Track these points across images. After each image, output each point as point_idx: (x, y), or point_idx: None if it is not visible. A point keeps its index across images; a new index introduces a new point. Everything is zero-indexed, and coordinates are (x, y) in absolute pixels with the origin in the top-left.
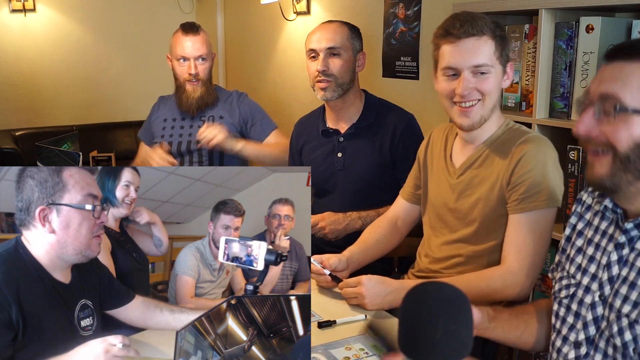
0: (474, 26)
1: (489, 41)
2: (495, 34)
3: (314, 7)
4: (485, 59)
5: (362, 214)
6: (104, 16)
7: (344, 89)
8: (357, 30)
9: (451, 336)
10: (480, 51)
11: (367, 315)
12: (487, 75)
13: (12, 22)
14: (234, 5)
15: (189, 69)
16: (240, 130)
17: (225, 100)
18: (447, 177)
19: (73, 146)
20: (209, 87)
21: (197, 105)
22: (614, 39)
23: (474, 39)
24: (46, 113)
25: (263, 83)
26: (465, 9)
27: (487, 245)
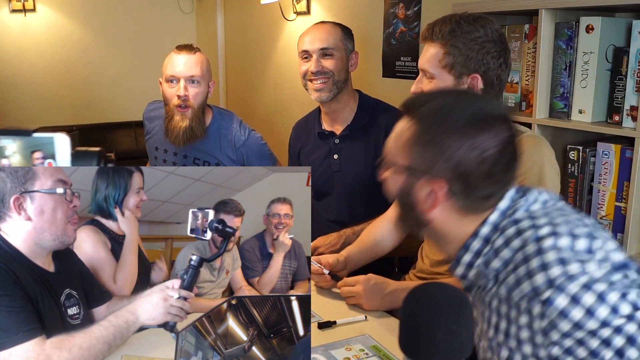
0: (429, 31)
1: (438, 48)
2: (446, 44)
3: (314, 7)
4: (429, 66)
5: (356, 229)
6: (104, 16)
7: (339, 88)
8: (349, 31)
9: (452, 336)
10: (427, 57)
11: (367, 315)
12: (431, 82)
13: (12, 22)
14: (234, 5)
15: (178, 90)
16: None
17: (225, 143)
18: None
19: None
20: (200, 117)
21: (183, 137)
22: (614, 39)
23: (427, 44)
24: (46, 113)
25: (263, 83)
26: (465, 9)
27: None
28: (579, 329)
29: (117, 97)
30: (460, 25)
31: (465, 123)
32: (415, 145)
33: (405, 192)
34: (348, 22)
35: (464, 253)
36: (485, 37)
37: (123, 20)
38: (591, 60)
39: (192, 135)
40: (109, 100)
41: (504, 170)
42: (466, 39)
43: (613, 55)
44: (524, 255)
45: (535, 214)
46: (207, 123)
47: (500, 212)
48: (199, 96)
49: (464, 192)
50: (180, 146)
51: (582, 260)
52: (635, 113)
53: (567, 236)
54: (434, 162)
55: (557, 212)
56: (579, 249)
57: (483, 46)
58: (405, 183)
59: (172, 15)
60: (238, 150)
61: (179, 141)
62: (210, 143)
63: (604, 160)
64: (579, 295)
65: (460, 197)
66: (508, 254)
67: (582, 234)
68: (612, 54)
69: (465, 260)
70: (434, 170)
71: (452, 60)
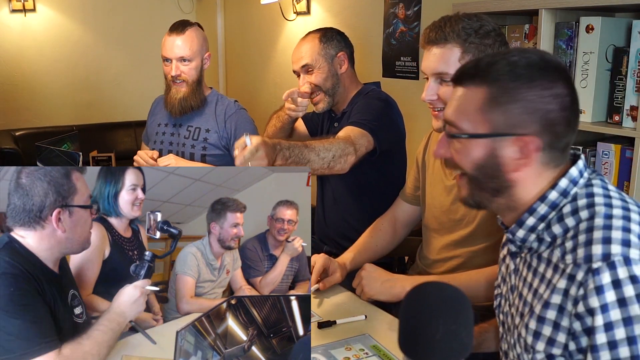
0: (439, 33)
1: (454, 49)
2: (464, 41)
3: (314, 7)
4: (447, 68)
5: (291, 143)
6: (104, 16)
7: (332, 94)
8: (330, 35)
9: (451, 336)
10: (443, 59)
11: (366, 315)
12: (450, 83)
13: (12, 22)
14: (234, 5)
15: (171, 70)
16: (225, 145)
17: (220, 111)
18: (443, 179)
19: (73, 146)
20: (195, 89)
21: (179, 106)
22: (613, 39)
23: (438, 47)
24: (46, 113)
25: (263, 83)
26: (465, 9)
27: (485, 245)
28: (603, 314)
29: (117, 97)
30: (469, 23)
31: (540, 75)
32: (494, 107)
33: (489, 157)
34: (348, 22)
35: (528, 216)
36: (494, 31)
37: (123, 21)
38: (591, 60)
39: (187, 106)
40: (109, 100)
41: (577, 116)
42: (480, 35)
43: (613, 55)
44: (589, 226)
45: (612, 194)
46: (205, 95)
47: (570, 180)
48: (192, 71)
49: (551, 144)
50: (177, 116)
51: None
52: (635, 113)
53: (636, 224)
54: (521, 118)
55: (629, 200)
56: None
57: (495, 40)
58: (488, 148)
59: (172, 15)
60: (229, 119)
61: (175, 111)
62: (205, 112)
63: (604, 160)
64: (623, 282)
65: (547, 150)
66: (572, 222)
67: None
68: (612, 54)
69: (528, 224)
70: (522, 127)
71: (472, 58)
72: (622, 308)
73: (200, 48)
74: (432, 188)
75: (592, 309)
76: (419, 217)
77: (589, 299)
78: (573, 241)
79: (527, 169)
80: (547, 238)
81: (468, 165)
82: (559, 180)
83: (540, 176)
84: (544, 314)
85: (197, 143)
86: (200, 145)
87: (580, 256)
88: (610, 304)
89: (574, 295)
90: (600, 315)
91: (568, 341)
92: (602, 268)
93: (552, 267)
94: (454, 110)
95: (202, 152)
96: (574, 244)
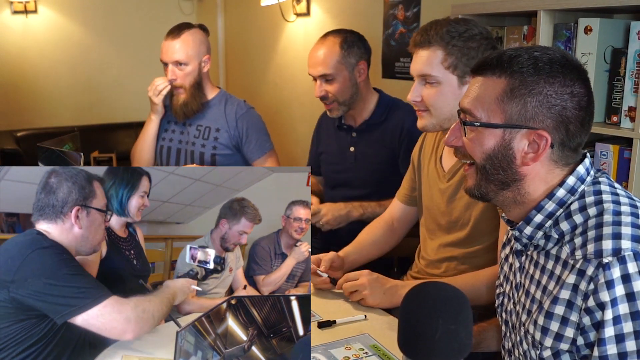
0: (424, 37)
1: (437, 51)
2: (447, 44)
3: (314, 9)
4: (431, 70)
5: (363, 204)
6: (105, 17)
7: (348, 104)
8: (352, 40)
9: (451, 336)
10: (427, 61)
11: (366, 315)
12: (433, 85)
13: (13, 23)
14: (234, 6)
15: (168, 74)
16: (235, 144)
17: (230, 111)
18: (437, 181)
19: (74, 147)
20: (194, 93)
21: (182, 112)
22: (612, 40)
23: (423, 50)
24: (47, 114)
25: (263, 84)
26: (464, 11)
27: (482, 246)
28: (612, 308)
29: (118, 97)
30: (454, 26)
31: (560, 72)
32: (512, 98)
33: (500, 147)
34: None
35: (535, 214)
36: (480, 35)
37: (124, 22)
38: (589, 61)
39: (189, 111)
40: (110, 101)
41: (591, 117)
42: (464, 38)
43: (611, 56)
44: (598, 222)
45: (619, 191)
46: (210, 97)
47: (578, 178)
48: (189, 76)
49: (563, 142)
50: (181, 120)
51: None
52: (633, 114)
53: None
54: (536, 112)
55: (635, 198)
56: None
57: (480, 43)
58: (500, 138)
59: (173, 17)
60: (240, 119)
61: (179, 117)
62: (214, 111)
63: (602, 161)
64: (633, 277)
65: (558, 147)
66: (580, 219)
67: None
68: (610, 55)
69: (536, 221)
70: (536, 121)
71: (455, 60)
72: (630, 302)
73: (197, 51)
74: (428, 189)
75: (602, 303)
76: (416, 217)
77: (599, 293)
78: (582, 237)
79: (536, 164)
80: (555, 235)
81: (478, 154)
82: (567, 178)
83: (550, 173)
84: (553, 309)
85: (207, 142)
86: (211, 145)
87: (590, 251)
88: (619, 298)
89: (584, 290)
90: (610, 310)
91: (576, 336)
92: (613, 263)
93: (560, 263)
94: (472, 98)
95: (212, 151)
96: (584, 240)
